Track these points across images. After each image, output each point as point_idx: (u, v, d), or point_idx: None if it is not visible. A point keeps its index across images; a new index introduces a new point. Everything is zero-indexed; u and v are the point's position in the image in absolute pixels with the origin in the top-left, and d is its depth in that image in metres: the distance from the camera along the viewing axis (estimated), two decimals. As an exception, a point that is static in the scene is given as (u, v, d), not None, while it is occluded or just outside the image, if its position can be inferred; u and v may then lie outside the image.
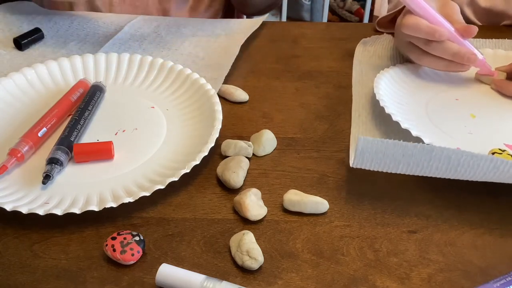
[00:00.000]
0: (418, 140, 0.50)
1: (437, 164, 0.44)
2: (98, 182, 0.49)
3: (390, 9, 0.77)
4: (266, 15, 0.87)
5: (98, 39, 0.75)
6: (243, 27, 0.79)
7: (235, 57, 0.69)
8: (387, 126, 0.56)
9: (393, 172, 0.46)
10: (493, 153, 0.49)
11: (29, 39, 0.72)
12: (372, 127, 0.57)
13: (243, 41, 0.73)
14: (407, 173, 0.46)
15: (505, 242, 0.45)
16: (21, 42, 0.71)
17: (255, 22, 0.80)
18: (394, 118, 0.53)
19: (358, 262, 0.43)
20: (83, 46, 0.73)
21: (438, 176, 0.46)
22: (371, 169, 0.46)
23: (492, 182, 0.46)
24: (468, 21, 0.84)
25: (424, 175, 0.46)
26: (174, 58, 0.70)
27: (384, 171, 0.46)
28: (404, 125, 0.52)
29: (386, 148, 0.43)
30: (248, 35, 0.75)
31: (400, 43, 0.66)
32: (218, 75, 0.66)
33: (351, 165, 0.47)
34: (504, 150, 0.49)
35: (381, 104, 0.55)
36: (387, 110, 0.54)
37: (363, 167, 0.46)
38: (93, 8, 0.84)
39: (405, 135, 0.51)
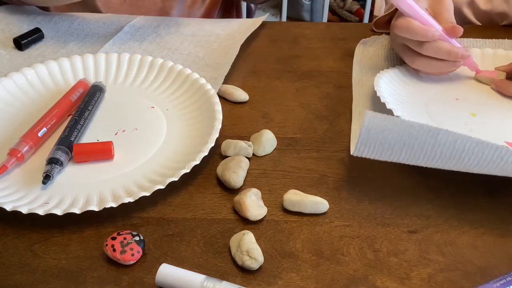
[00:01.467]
0: None
1: (442, 149, 0.43)
2: (98, 182, 0.49)
3: (386, 10, 0.76)
4: (267, 14, 0.87)
5: (98, 39, 0.75)
6: (243, 27, 0.79)
7: (235, 57, 0.69)
8: None
9: (395, 160, 0.45)
10: None
11: (29, 39, 0.72)
12: None
13: (242, 41, 0.73)
14: (409, 161, 0.45)
15: (505, 242, 0.45)
16: (21, 42, 0.71)
17: (255, 22, 0.80)
18: (395, 113, 0.53)
19: (358, 262, 0.43)
20: (83, 46, 0.73)
21: (441, 166, 0.45)
22: (373, 156, 0.45)
23: (492, 182, 0.46)
24: (467, 21, 0.84)
25: (427, 163, 0.45)
26: (174, 58, 0.70)
27: (386, 158, 0.45)
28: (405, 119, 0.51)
29: (393, 125, 0.42)
30: (248, 35, 0.75)
31: (394, 45, 0.67)
32: (218, 75, 0.66)
33: (352, 153, 0.46)
34: (505, 147, 0.49)
35: (382, 100, 0.55)
36: (388, 106, 0.54)
37: (364, 154, 0.45)
38: (94, 9, 0.84)
39: None
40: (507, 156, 0.42)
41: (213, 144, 0.51)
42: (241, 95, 0.63)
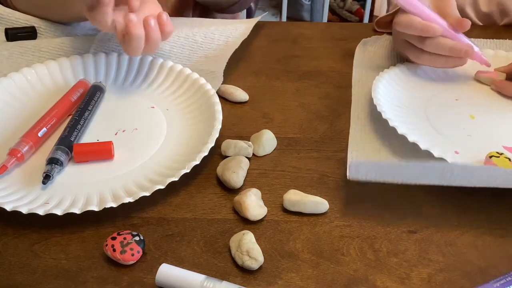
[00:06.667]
0: (414, 145, 0.50)
1: (430, 178, 0.44)
2: (98, 182, 0.49)
3: (390, 10, 0.76)
4: (264, 14, 0.87)
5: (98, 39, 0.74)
6: (241, 27, 0.79)
7: (236, 57, 0.69)
8: (386, 129, 0.56)
9: (389, 182, 0.46)
10: (490, 156, 0.49)
11: (21, 32, 0.71)
12: (370, 129, 0.57)
13: (242, 39, 0.73)
14: (403, 183, 0.46)
15: (505, 242, 0.45)
16: (9, 32, 0.70)
17: (252, 21, 0.80)
18: (391, 123, 0.53)
19: (358, 262, 0.43)
20: (82, 46, 0.73)
21: (434, 184, 0.46)
22: (368, 180, 0.46)
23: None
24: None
25: (420, 184, 0.46)
26: (174, 58, 0.70)
27: (381, 181, 0.46)
28: (401, 130, 0.52)
29: (379, 167, 0.44)
30: (248, 33, 0.75)
31: (397, 42, 0.66)
32: (216, 69, 0.65)
33: (348, 178, 0.46)
34: (501, 153, 0.49)
35: (379, 109, 0.55)
36: (384, 116, 0.54)
37: (359, 179, 0.46)
38: None
39: (403, 137, 0.51)
40: (496, 173, 0.42)
41: (213, 144, 0.51)
42: (241, 95, 0.63)
